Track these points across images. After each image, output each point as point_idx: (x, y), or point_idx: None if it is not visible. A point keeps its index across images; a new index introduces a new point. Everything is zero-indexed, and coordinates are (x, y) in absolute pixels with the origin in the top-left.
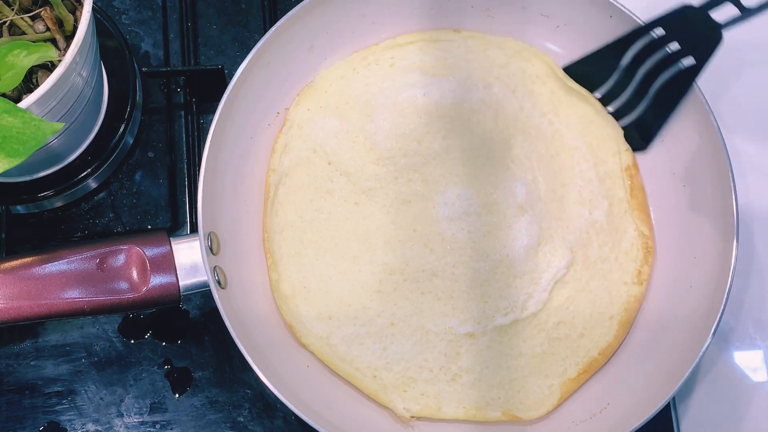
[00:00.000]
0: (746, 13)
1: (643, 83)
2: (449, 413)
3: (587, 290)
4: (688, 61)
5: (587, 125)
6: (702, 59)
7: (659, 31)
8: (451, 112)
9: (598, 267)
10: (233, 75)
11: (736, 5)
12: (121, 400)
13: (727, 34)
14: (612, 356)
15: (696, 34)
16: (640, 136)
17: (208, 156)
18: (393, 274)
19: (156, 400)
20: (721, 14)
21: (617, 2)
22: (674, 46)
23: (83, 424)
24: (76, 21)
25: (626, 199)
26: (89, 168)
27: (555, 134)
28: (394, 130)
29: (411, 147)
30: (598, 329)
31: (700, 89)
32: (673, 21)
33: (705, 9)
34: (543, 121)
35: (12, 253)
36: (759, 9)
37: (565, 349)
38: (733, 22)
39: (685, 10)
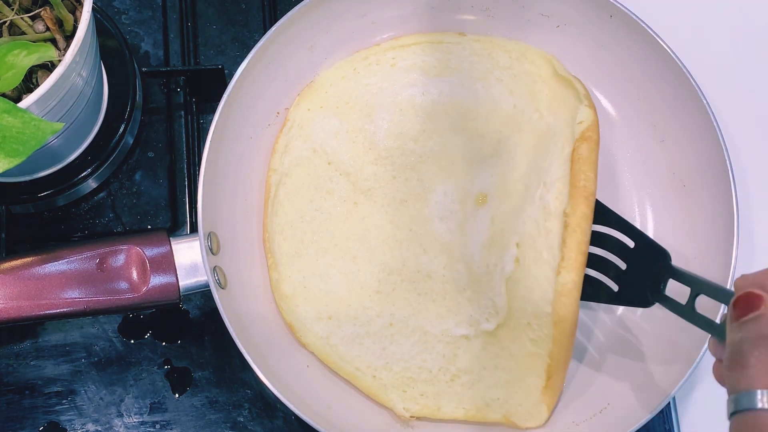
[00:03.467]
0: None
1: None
2: (449, 413)
3: (538, 285)
4: (614, 285)
5: (573, 114)
6: (619, 299)
7: (629, 242)
8: (447, 111)
9: (545, 257)
10: (233, 75)
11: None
12: (121, 400)
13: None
14: (567, 360)
15: (640, 280)
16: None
17: (208, 156)
18: (391, 275)
19: (156, 400)
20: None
21: (617, 2)
22: (621, 264)
23: (83, 424)
24: (76, 21)
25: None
26: (89, 168)
27: (545, 128)
28: (392, 129)
29: (408, 146)
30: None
31: (700, 89)
32: (643, 249)
33: (671, 273)
34: (534, 116)
35: (12, 253)
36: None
37: (544, 348)
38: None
39: (660, 257)
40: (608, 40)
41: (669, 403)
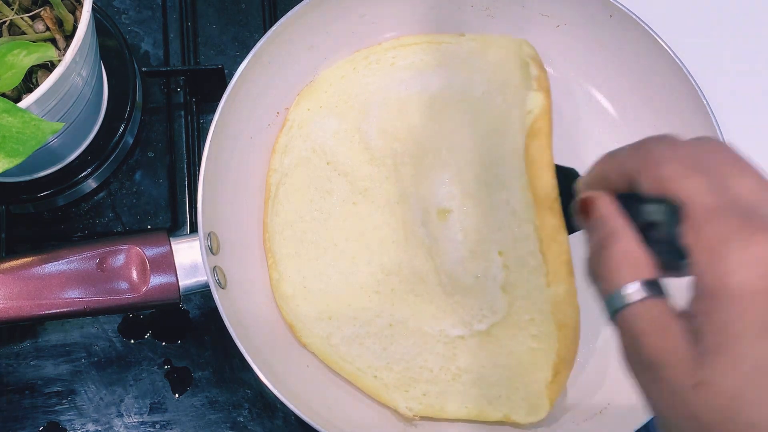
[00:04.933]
0: None
1: None
2: (452, 412)
3: (535, 287)
4: None
5: (522, 99)
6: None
7: None
8: (441, 110)
9: (532, 264)
10: (233, 75)
11: None
12: (121, 400)
13: None
14: (573, 359)
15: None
16: None
17: (208, 156)
18: (389, 276)
19: (156, 400)
20: None
21: (617, 2)
22: None
23: (83, 424)
24: (76, 21)
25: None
26: (89, 168)
27: (498, 114)
28: (386, 129)
29: (401, 146)
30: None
31: (700, 89)
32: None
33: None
34: (497, 101)
35: (12, 253)
36: None
37: (547, 341)
38: None
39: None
40: (608, 40)
41: None
